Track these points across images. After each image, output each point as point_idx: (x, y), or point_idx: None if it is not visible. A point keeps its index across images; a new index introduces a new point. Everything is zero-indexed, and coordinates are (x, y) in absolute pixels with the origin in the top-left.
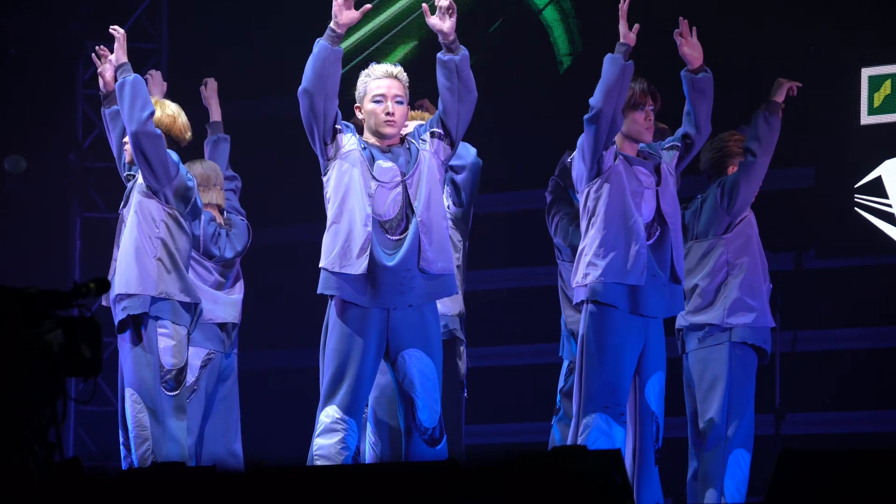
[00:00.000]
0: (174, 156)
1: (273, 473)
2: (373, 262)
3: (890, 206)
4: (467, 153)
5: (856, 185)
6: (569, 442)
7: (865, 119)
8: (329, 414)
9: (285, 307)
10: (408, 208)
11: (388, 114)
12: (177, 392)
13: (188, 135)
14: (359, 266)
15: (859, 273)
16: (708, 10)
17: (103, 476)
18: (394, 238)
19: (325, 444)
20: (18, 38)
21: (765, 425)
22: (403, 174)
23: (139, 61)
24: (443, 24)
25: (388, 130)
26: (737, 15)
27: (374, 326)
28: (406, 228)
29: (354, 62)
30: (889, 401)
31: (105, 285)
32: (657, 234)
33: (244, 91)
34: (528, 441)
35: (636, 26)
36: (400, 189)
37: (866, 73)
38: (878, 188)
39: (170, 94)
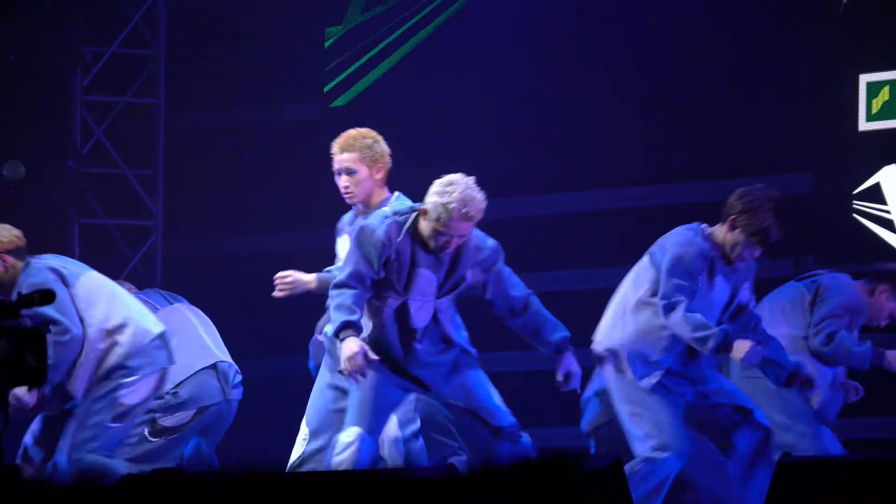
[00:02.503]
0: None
1: (272, 479)
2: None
3: (888, 212)
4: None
5: (854, 192)
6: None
7: (864, 125)
8: (349, 433)
9: (271, 314)
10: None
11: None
12: None
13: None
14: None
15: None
16: (708, 14)
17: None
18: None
19: (344, 461)
20: (16, 44)
21: None
22: (439, 288)
23: (136, 68)
24: None
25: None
26: (736, 20)
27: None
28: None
29: (350, 53)
30: (888, 408)
31: (49, 296)
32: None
33: (241, 98)
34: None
35: None
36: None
37: (864, 79)
38: (876, 194)
39: (166, 101)
